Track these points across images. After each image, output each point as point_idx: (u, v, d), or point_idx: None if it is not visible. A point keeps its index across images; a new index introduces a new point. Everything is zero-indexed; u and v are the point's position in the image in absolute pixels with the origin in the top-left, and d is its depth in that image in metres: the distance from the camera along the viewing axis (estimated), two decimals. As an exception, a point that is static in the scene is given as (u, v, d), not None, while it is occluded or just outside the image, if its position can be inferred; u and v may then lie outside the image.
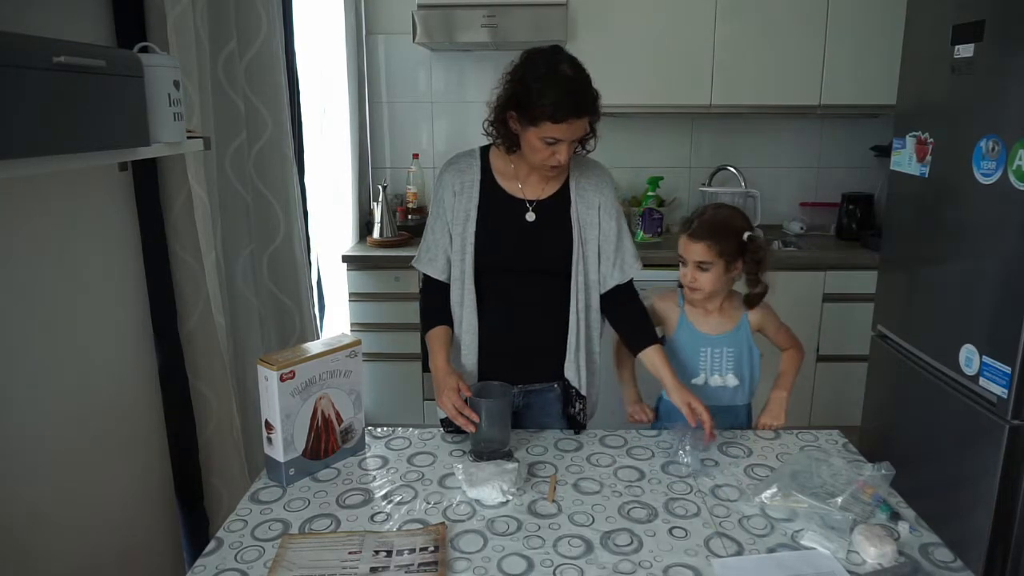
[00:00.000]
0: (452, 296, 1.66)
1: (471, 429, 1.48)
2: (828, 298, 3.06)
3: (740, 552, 1.19)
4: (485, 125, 1.59)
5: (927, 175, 2.17)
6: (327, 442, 1.46)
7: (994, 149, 1.86)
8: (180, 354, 1.80)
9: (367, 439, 1.57)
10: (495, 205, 1.62)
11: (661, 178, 3.39)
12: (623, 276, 1.67)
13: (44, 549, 1.42)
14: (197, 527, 1.89)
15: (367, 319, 3.08)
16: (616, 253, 1.65)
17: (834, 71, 3.06)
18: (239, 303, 2.03)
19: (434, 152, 3.52)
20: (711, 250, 1.65)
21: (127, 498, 1.68)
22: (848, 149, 3.50)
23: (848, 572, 1.14)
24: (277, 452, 1.38)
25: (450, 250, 1.64)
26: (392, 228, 3.20)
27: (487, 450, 1.50)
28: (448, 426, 1.61)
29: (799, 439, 1.61)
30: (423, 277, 1.72)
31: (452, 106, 3.47)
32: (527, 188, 1.63)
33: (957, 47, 2.01)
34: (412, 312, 3.02)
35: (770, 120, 3.46)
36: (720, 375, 1.73)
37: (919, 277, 2.25)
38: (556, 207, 1.63)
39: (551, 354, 1.66)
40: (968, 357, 1.97)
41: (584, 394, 1.68)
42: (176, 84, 1.39)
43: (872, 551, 1.16)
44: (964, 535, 1.94)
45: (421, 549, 1.18)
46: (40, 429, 1.41)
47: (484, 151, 1.66)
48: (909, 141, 2.25)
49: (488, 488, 1.34)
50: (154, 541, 1.80)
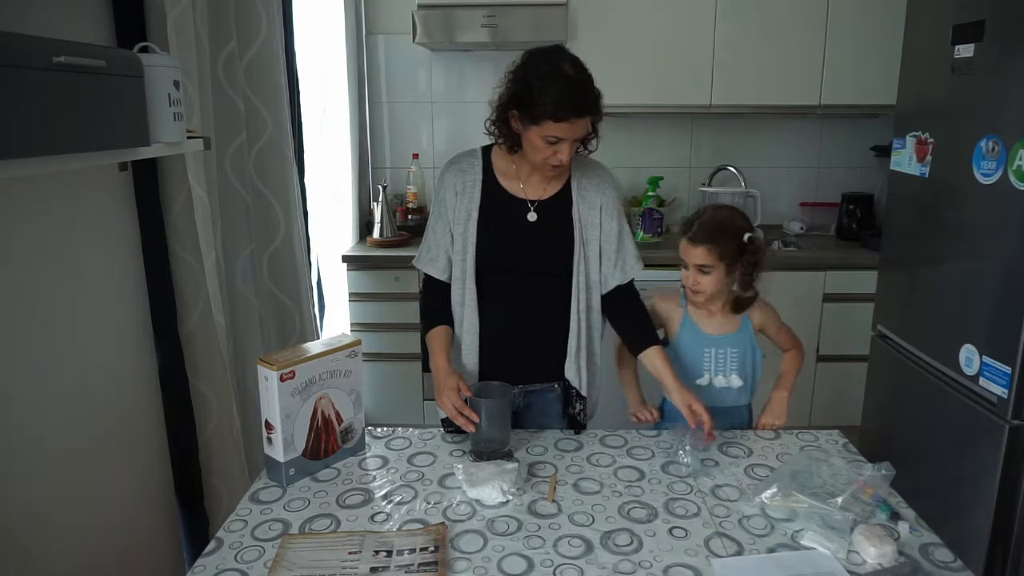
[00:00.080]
0: (453, 296, 1.66)
1: (471, 429, 1.48)
2: (828, 298, 3.05)
3: (740, 552, 1.19)
4: (487, 124, 1.59)
5: (927, 175, 2.17)
6: (327, 442, 1.46)
7: (994, 149, 1.86)
8: (180, 354, 1.80)
9: (367, 439, 1.57)
10: (497, 205, 1.62)
11: (661, 178, 3.39)
12: (624, 276, 1.67)
13: (44, 549, 1.41)
14: (197, 527, 1.89)
15: (367, 319, 3.08)
16: (617, 253, 1.65)
17: (834, 71, 3.06)
18: (239, 303, 2.03)
19: (434, 152, 3.52)
20: (712, 253, 1.64)
21: (127, 498, 1.68)
22: (848, 149, 3.50)
23: (848, 572, 1.14)
24: (277, 452, 1.38)
25: (451, 250, 1.64)
26: (392, 228, 3.20)
27: (487, 450, 1.50)
28: (448, 426, 1.60)
29: (799, 439, 1.61)
30: (424, 277, 1.72)
31: (452, 106, 3.47)
32: (529, 188, 1.63)
33: (957, 47, 2.01)
34: (412, 312, 3.02)
35: (770, 120, 3.46)
36: (724, 375, 1.73)
37: (919, 277, 2.25)
38: (558, 207, 1.62)
39: (552, 354, 1.66)
40: (968, 357, 1.97)
41: (585, 395, 1.68)
42: (176, 84, 1.39)
43: (872, 551, 1.16)
44: (964, 535, 1.94)
45: (421, 549, 1.18)
46: (40, 429, 1.41)
47: (486, 151, 1.66)
48: (909, 141, 2.25)
49: (488, 488, 1.33)
50: (154, 541, 1.80)
